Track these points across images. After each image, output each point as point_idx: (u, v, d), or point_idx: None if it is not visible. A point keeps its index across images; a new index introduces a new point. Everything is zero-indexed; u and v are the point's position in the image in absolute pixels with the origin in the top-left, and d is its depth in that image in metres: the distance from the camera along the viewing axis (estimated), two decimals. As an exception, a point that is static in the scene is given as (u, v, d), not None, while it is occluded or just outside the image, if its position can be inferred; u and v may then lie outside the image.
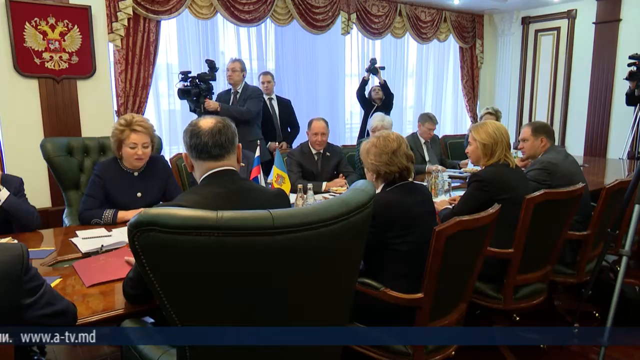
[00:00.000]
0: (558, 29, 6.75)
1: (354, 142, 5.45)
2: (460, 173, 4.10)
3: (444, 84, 7.26)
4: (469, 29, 7.01)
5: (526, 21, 7.07)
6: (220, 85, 4.56)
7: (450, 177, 3.79)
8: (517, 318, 2.47)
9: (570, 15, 6.59)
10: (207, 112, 3.89)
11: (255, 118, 4.14)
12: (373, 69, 5.35)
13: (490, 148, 2.40)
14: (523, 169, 2.79)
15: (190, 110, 4.13)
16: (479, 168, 2.57)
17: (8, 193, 2.24)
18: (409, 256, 1.87)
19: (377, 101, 5.38)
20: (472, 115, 7.24)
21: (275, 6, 5.04)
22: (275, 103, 4.66)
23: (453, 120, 7.50)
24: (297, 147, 3.77)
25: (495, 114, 4.47)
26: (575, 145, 6.53)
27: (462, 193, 2.63)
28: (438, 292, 1.74)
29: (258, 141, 2.92)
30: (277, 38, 5.59)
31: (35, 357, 1.71)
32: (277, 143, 4.55)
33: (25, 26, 3.66)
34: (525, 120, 7.16)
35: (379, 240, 1.86)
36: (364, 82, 5.47)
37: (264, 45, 5.51)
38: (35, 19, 3.70)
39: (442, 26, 6.64)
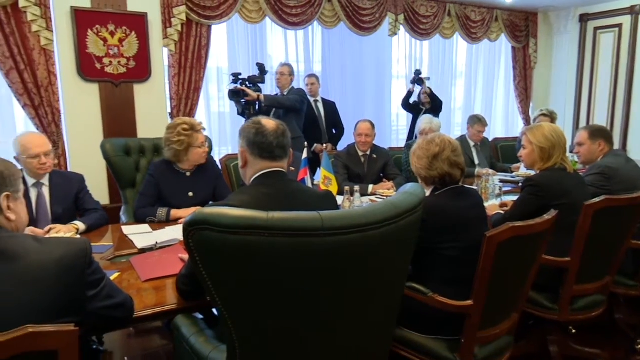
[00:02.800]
0: (620, 26, 6.38)
1: (401, 145, 5.38)
2: (512, 177, 3.97)
3: (494, 85, 7.04)
4: (522, 28, 6.76)
5: (584, 18, 6.74)
6: (267, 89, 4.64)
7: (502, 181, 3.67)
8: (574, 331, 2.35)
9: (634, 11, 6.20)
10: (257, 113, 3.97)
11: (296, 112, 4.17)
12: (418, 80, 5.25)
13: (547, 152, 2.30)
14: (581, 173, 2.66)
15: (238, 114, 4.22)
16: (532, 172, 2.48)
17: (85, 226, 2.39)
18: (459, 262, 1.82)
19: (425, 105, 5.29)
20: (524, 118, 6.98)
21: (322, 9, 5.07)
22: (320, 105, 4.69)
23: (504, 123, 7.25)
24: (344, 149, 3.77)
25: (550, 116, 4.29)
26: (638, 150, 6.15)
27: (514, 198, 2.54)
28: (489, 300, 1.68)
29: (306, 142, 2.95)
30: (324, 40, 5.62)
31: (94, 347, 1.80)
32: (322, 145, 4.57)
33: (88, 33, 3.87)
34: (582, 123, 6.81)
35: (427, 245, 1.82)
36: (409, 94, 5.37)
37: (311, 48, 5.55)
38: (97, 26, 3.90)
39: (493, 26, 6.45)
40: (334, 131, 4.77)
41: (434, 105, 5.24)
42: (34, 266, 1.13)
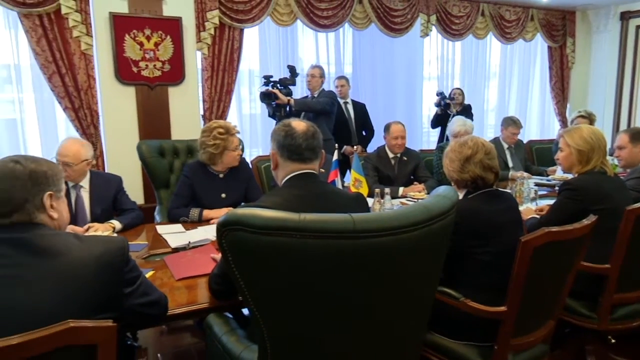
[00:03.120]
0: (664, 24, 6.13)
1: (432, 147, 5.32)
2: (547, 180, 3.86)
3: (529, 85, 6.86)
4: (559, 27, 6.57)
5: (625, 16, 6.48)
6: (298, 91, 4.66)
7: (537, 184, 3.58)
8: (613, 341, 2.26)
9: (680, 9, 5.95)
10: (287, 115, 4.01)
11: (326, 114, 4.18)
12: (445, 105, 5.12)
13: (586, 154, 2.22)
14: (622, 177, 2.56)
15: (269, 116, 4.27)
16: (569, 176, 2.40)
17: (121, 225, 2.45)
18: (492, 266, 1.79)
19: (456, 106, 5.20)
20: (561, 119, 6.77)
21: (353, 10, 5.07)
22: (350, 107, 4.68)
23: (539, 124, 7.06)
24: (374, 151, 3.76)
25: (589, 118, 4.15)
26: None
27: (550, 202, 2.47)
28: (523, 306, 1.64)
29: (336, 145, 2.95)
30: (355, 42, 5.62)
31: (129, 342, 1.85)
32: (352, 147, 4.57)
33: (125, 38, 4.00)
34: (623, 126, 6.55)
35: (459, 248, 1.79)
36: (437, 116, 5.27)
37: (342, 49, 5.56)
38: (134, 31, 4.02)
39: (528, 25, 6.29)
40: (363, 133, 4.76)
41: (463, 113, 5.05)
42: (75, 263, 1.17)
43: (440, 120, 5.29)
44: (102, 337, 1.03)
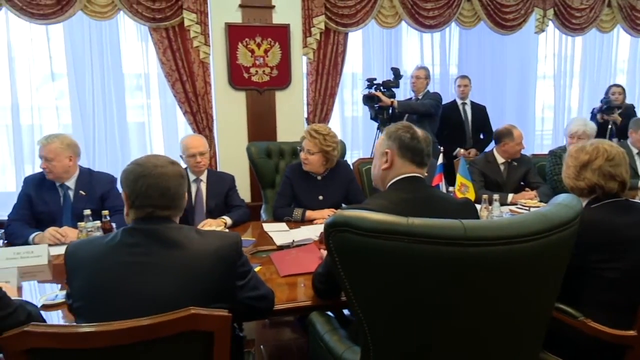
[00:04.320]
0: None
1: (546, 151, 4.92)
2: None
3: (665, 83, 6.06)
4: None
5: None
6: (401, 93, 4.61)
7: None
8: None
9: None
10: (390, 118, 3.99)
11: (430, 117, 4.08)
12: (607, 109, 4.29)
13: None
14: None
15: (371, 118, 4.27)
16: None
17: (231, 221, 2.65)
18: (618, 284, 1.61)
19: (613, 110, 4.36)
20: None
21: (461, 9, 4.88)
22: (468, 108, 4.52)
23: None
24: (481, 155, 3.59)
25: None
26: None
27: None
28: (658, 332, 1.46)
29: (441, 148, 2.87)
30: (462, 42, 5.41)
31: (236, 332, 1.97)
32: (466, 150, 4.38)
33: (238, 46, 4.26)
34: None
35: (580, 262, 1.64)
36: (599, 126, 4.06)
37: (447, 50, 5.38)
38: (246, 39, 4.27)
39: (667, 14, 5.56)
40: (481, 136, 4.55)
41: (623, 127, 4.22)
42: (195, 255, 1.28)
43: (603, 132, 4.27)
44: (218, 325, 1.11)
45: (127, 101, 4.50)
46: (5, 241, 2.23)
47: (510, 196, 3.15)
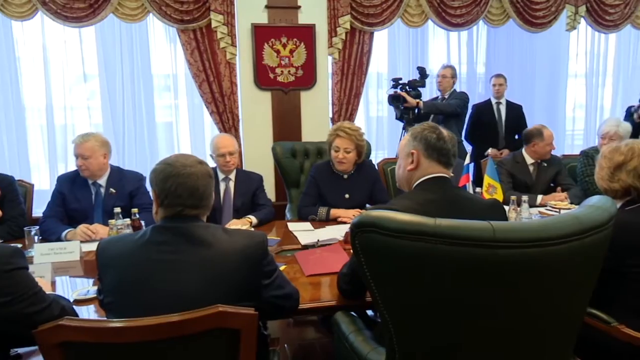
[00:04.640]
0: None
1: (577, 151, 4.79)
2: None
3: None
4: None
5: None
6: (427, 92, 4.56)
7: None
8: None
9: None
10: (415, 118, 3.95)
11: (456, 116, 4.03)
12: None
13: None
14: None
15: (396, 118, 4.24)
16: None
17: (257, 220, 2.68)
18: (654, 290, 1.56)
19: None
20: None
21: (489, 7, 4.80)
22: (503, 108, 4.43)
23: None
24: (508, 155, 3.52)
25: None
26: None
27: None
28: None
29: (470, 148, 2.83)
30: (490, 40, 5.32)
31: (261, 330, 1.98)
32: (498, 150, 4.30)
33: (264, 46, 4.30)
34: None
35: (613, 266, 1.59)
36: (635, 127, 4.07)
37: (475, 48, 5.29)
38: (272, 39, 4.30)
39: None
40: (516, 137, 4.44)
41: None
42: (222, 253, 1.29)
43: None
44: (245, 323, 1.12)
45: (155, 101, 4.60)
46: (40, 237, 2.30)
47: (540, 197, 3.08)
